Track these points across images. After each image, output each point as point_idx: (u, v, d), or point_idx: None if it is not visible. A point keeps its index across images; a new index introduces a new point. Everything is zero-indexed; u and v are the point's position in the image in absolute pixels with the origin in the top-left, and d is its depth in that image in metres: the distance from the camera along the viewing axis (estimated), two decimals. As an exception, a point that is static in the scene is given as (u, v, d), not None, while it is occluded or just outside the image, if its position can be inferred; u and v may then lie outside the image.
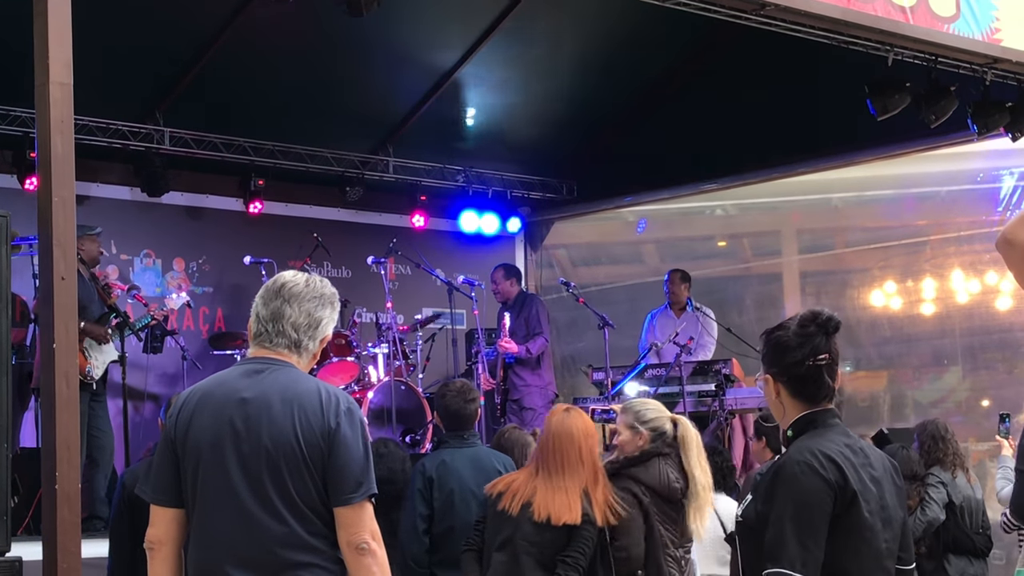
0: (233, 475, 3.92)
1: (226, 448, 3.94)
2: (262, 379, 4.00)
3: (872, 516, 3.69)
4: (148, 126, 11.82)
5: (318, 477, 3.90)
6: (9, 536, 6.23)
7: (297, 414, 3.92)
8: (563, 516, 5.99)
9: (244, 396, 3.97)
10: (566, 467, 6.09)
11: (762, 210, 14.27)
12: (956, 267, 12.45)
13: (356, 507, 3.90)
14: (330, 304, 4.16)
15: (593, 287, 14.31)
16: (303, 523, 3.90)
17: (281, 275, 4.19)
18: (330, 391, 4.00)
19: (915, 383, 12.91)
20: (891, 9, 9.19)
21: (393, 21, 10.92)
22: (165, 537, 4.06)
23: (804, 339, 3.79)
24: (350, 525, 3.90)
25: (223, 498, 3.93)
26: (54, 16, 5.90)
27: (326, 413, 3.93)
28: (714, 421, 10.85)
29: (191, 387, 4.21)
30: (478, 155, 14.00)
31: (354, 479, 3.90)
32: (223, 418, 3.97)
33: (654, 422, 6.40)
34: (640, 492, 6.21)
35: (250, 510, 3.90)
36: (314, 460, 3.90)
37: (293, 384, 3.99)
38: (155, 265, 12.60)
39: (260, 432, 3.92)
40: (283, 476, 3.89)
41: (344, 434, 3.91)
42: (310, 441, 3.90)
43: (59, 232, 5.82)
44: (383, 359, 11.61)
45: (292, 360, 4.07)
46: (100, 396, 9.88)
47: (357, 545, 3.88)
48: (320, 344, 4.13)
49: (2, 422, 6.23)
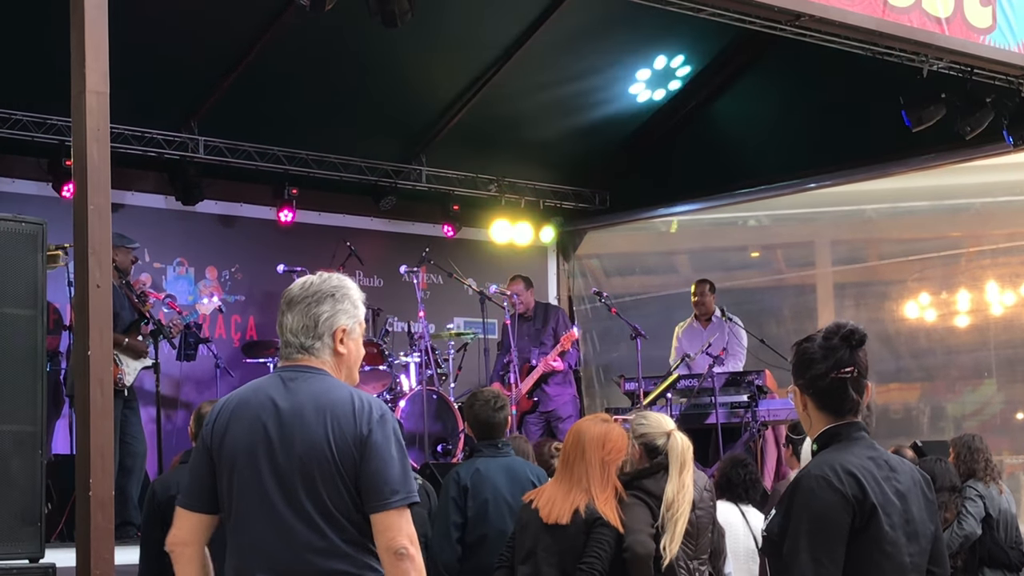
0: (267, 483, 3.92)
1: (260, 456, 3.94)
2: (296, 387, 3.99)
3: (895, 530, 3.66)
4: (183, 135, 11.88)
5: (351, 484, 3.89)
6: (43, 543, 6.26)
7: (330, 422, 3.91)
8: (564, 515, 6.02)
9: (279, 404, 3.97)
10: (574, 470, 6.13)
11: (796, 221, 14.23)
12: (991, 279, 12.38)
13: (393, 512, 3.88)
14: (329, 297, 4.09)
15: (627, 297, 14.29)
16: (337, 531, 3.89)
17: (287, 288, 4.18)
18: (363, 398, 3.99)
19: (950, 395, 12.85)
20: (927, 20, 9.15)
21: (426, 31, 10.93)
22: (189, 539, 4.07)
23: (828, 352, 3.77)
24: (388, 530, 3.87)
25: (257, 506, 3.93)
26: (91, 26, 5.94)
27: (359, 420, 3.91)
28: (746, 432, 10.81)
29: (227, 395, 4.21)
30: (511, 165, 14.00)
31: (389, 485, 3.88)
32: (257, 426, 3.97)
33: (645, 436, 6.40)
34: (652, 504, 6.21)
35: (284, 518, 3.89)
36: (347, 468, 3.88)
37: (326, 392, 3.98)
38: (188, 273, 12.64)
39: (293, 440, 3.92)
40: (316, 484, 3.88)
41: (376, 441, 3.89)
42: (343, 449, 3.89)
43: (95, 240, 5.86)
44: (415, 368, 11.62)
45: (317, 364, 4.05)
46: (133, 403, 9.93)
47: (396, 550, 3.86)
48: (336, 339, 4.07)
49: (37, 429, 6.28)
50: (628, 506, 6.22)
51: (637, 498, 6.22)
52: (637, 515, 6.17)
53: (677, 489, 6.21)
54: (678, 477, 6.24)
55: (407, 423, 10.87)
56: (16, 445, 6.19)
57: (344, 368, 4.11)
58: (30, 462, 6.22)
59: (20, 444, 6.21)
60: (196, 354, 11.24)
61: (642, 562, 6.10)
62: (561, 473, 6.19)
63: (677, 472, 6.25)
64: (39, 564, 6.18)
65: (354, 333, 4.15)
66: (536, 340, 12.10)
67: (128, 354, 9.82)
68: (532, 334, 12.25)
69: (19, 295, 6.27)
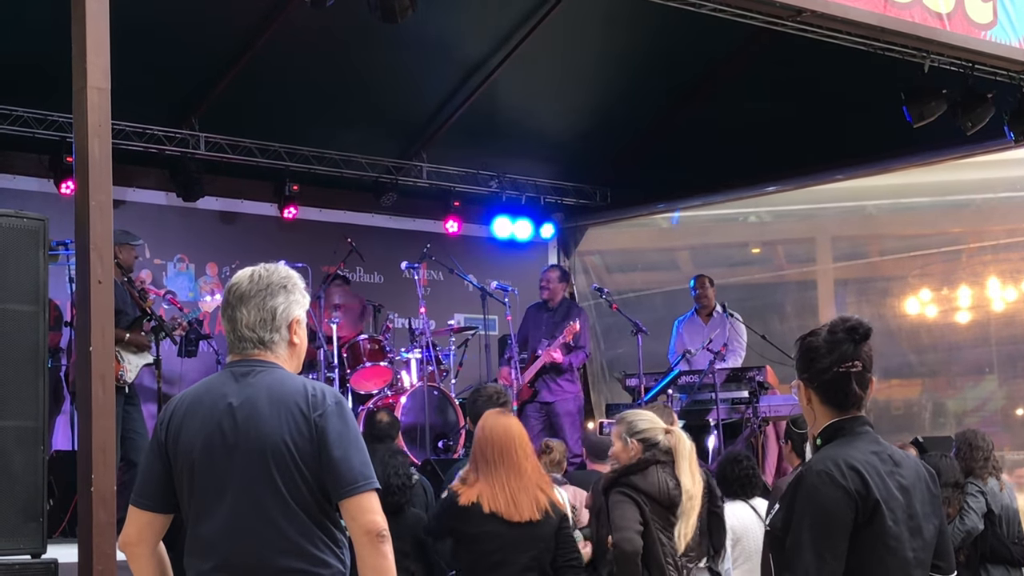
0: (224, 482, 3.89)
1: (216, 455, 3.90)
2: (249, 382, 3.95)
3: (898, 525, 3.66)
4: (184, 131, 11.88)
5: (311, 477, 3.85)
6: (45, 538, 6.27)
7: (285, 415, 3.87)
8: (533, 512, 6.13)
9: (231, 401, 3.93)
10: (521, 465, 6.24)
11: (797, 217, 14.23)
12: (993, 275, 12.37)
13: (365, 495, 3.84)
14: (282, 289, 4.02)
15: (628, 293, 14.29)
16: (295, 527, 3.85)
17: (230, 282, 4.10)
18: (316, 388, 3.93)
19: (951, 391, 12.85)
20: (928, 16, 9.14)
21: (427, 27, 10.94)
22: (137, 539, 4.03)
23: (833, 346, 3.77)
24: (365, 512, 3.83)
25: (216, 505, 3.90)
26: (92, 22, 5.94)
27: (314, 410, 3.86)
28: (747, 428, 10.81)
29: (179, 393, 4.18)
30: (512, 161, 14.00)
31: (357, 469, 3.84)
32: (212, 424, 3.93)
33: (644, 433, 6.43)
34: (640, 500, 6.23)
35: (241, 516, 3.87)
36: (306, 459, 3.85)
37: (280, 385, 3.94)
38: (188, 270, 12.65)
39: (249, 437, 3.88)
40: (275, 479, 3.85)
41: (335, 429, 3.85)
42: (299, 441, 3.85)
43: (96, 236, 5.85)
44: (416, 364, 11.62)
45: (271, 358, 4.00)
46: (135, 399, 9.94)
47: (377, 532, 3.82)
48: (291, 331, 4.02)
49: (38, 425, 6.28)
50: (616, 504, 6.25)
51: (625, 495, 6.25)
52: (625, 513, 6.20)
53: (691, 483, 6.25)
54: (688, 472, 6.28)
55: (408, 419, 10.87)
56: (18, 441, 6.19)
57: (295, 358, 4.08)
58: (32, 458, 6.23)
59: (22, 440, 6.21)
60: (197, 351, 11.24)
61: (629, 559, 6.13)
62: (507, 469, 6.20)
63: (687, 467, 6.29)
64: (41, 560, 6.19)
65: (303, 323, 4.09)
66: (551, 333, 12.05)
67: (130, 350, 9.81)
68: (549, 326, 12.19)
69: (21, 291, 6.28)
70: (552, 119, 13.52)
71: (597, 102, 13.40)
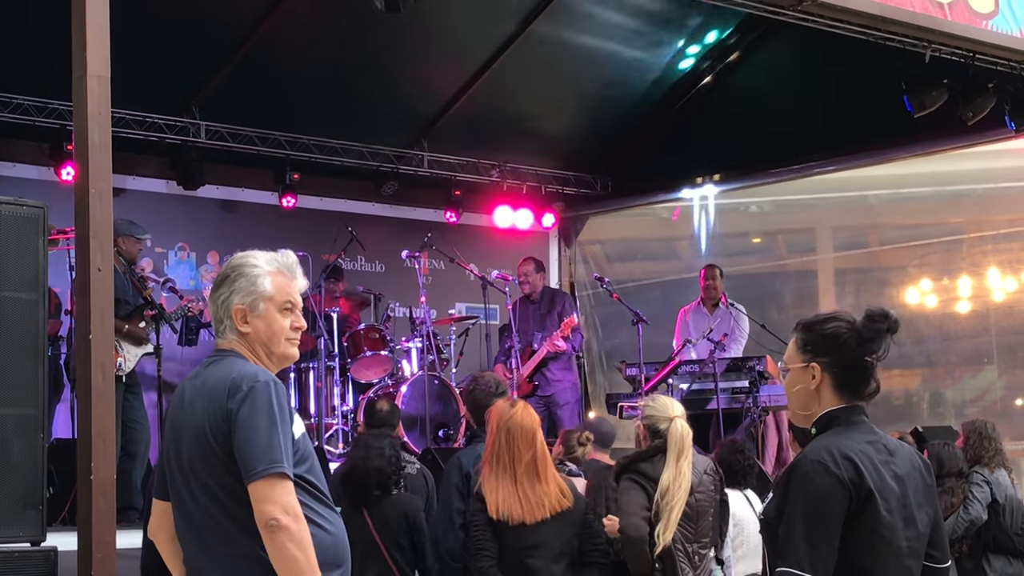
0: (175, 474, 3.98)
1: (170, 446, 4.02)
2: (205, 373, 4.03)
3: (891, 515, 3.65)
4: (184, 120, 11.87)
5: (229, 461, 3.86)
6: (44, 526, 6.28)
7: (207, 406, 3.92)
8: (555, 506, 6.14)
9: (184, 393, 4.04)
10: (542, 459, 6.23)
11: (797, 207, 14.21)
12: (993, 265, 12.37)
13: (260, 484, 3.78)
14: (224, 280, 4.08)
15: (629, 283, 14.28)
16: (227, 515, 3.87)
17: None
18: (241, 375, 3.92)
19: (950, 382, 12.85)
20: (929, 5, 9.13)
21: (428, 17, 10.91)
22: (156, 527, 4.15)
23: (874, 334, 3.77)
24: (257, 502, 3.79)
25: (174, 496, 4.02)
26: (92, 10, 5.93)
27: (229, 397, 3.87)
28: (747, 418, 10.81)
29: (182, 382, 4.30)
30: (512, 150, 13.99)
31: (253, 456, 3.80)
32: (173, 414, 4.06)
33: (650, 418, 6.44)
34: (648, 487, 6.24)
35: (186, 507, 3.95)
36: (221, 445, 3.86)
37: (214, 375, 3.98)
38: (189, 258, 12.65)
39: (185, 428, 3.96)
40: (204, 469, 3.89)
41: (241, 415, 3.83)
42: (216, 430, 3.87)
43: (96, 224, 5.85)
44: (416, 353, 11.62)
45: (229, 347, 4.05)
46: (135, 388, 9.94)
47: (266, 522, 3.77)
48: (237, 320, 4.03)
49: (38, 412, 6.28)
50: (624, 490, 6.26)
51: (634, 481, 6.26)
52: (632, 499, 6.21)
53: (673, 477, 6.24)
54: (675, 464, 6.26)
55: (408, 408, 10.87)
56: (17, 429, 6.21)
57: (260, 345, 4.06)
58: (31, 446, 6.24)
59: (21, 428, 6.23)
60: (198, 339, 11.23)
61: (635, 545, 6.13)
62: (529, 469, 6.18)
63: (674, 460, 6.27)
64: (41, 547, 6.21)
65: (258, 309, 4.05)
66: (540, 324, 12.08)
67: (128, 340, 9.82)
68: (537, 318, 12.23)
69: (20, 279, 6.29)
70: (553, 108, 13.51)
71: (597, 91, 13.38)
